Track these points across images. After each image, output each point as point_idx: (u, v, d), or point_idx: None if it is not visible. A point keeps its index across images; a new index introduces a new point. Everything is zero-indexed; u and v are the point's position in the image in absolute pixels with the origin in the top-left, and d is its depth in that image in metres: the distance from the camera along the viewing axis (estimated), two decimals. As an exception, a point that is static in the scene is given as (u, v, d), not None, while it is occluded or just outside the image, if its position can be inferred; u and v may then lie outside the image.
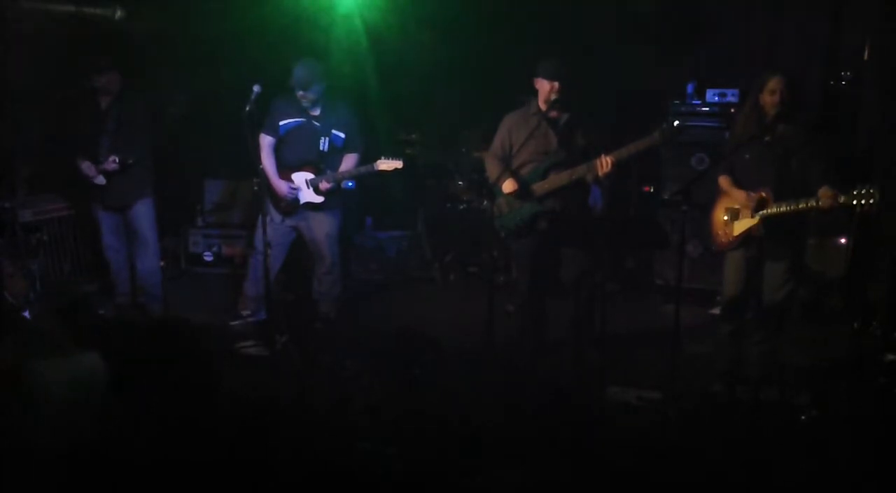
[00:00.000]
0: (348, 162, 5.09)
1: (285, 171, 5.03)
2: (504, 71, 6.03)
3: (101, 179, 5.11)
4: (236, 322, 5.20)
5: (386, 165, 4.94)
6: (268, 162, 5.01)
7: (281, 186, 5.00)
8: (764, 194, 3.89)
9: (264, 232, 4.58)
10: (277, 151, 5.07)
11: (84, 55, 5.36)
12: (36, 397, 2.41)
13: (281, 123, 5.02)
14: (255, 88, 4.40)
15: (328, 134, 5.02)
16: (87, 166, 5.09)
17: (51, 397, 2.43)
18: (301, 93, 4.87)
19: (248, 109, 4.37)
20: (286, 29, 6.10)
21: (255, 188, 4.54)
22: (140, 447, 2.35)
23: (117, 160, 5.00)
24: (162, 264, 5.70)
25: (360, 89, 6.36)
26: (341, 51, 6.30)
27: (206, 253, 6.77)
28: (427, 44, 6.39)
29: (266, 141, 5.04)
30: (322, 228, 5.10)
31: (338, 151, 5.07)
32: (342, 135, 5.05)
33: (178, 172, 6.39)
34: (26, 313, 5.02)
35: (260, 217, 4.75)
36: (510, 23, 6.31)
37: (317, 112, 5.01)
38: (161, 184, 5.44)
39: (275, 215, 5.06)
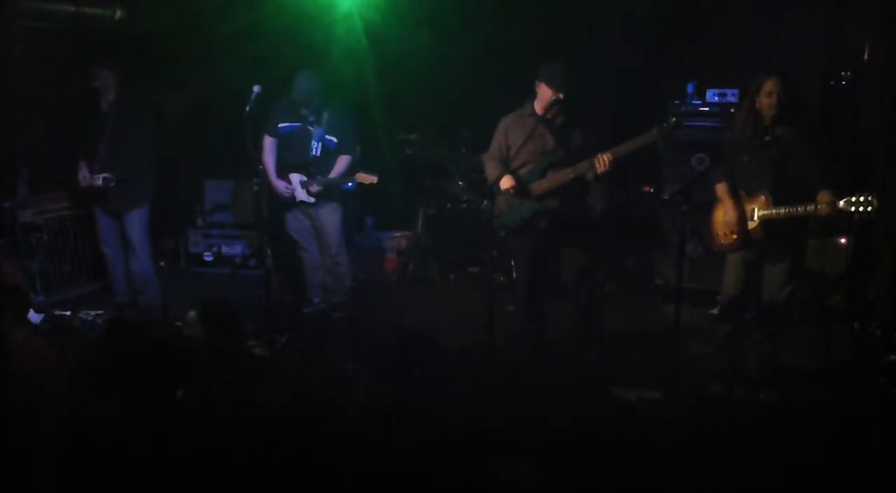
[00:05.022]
0: (340, 164, 5.33)
1: (284, 171, 5.35)
2: (504, 71, 6.03)
3: (98, 181, 5.16)
4: (309, 310, 5.45)
5: (363, 178, 5.17)
6: (268, 161, 5.36)
7: (278, 184, 5.34)
8: (762, 198, 3.88)
9: (264, 232, 4.62)
10: (277, 152, 5.37)
11: (83, 55, 5.36)
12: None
13: (280, 125, 5.31)
14: (256, 89, 4.41)
15: (321, 139, 5.27)
16: (83, 175, 5.20)
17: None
18: (301, 103, 5.14)
19: (248, 109, 4.38)
20: (286, 29, 6.11)
21: (255, 188, 4.57)
22: (134, 448, 2.35)
23: (102, 179, 5.13)
24: (162, 264, 5.70)
25: (359, 89, 6.36)
26: (341, 51, 6.30)
27: (206, 253, 6.79)
28: (426, 44, 6.39)
29: (268, 142, 5.37)
30: (328, 219, 5.41)
31: (332, 154, 5.31)
32: (334, 139, 5.29)
33: (177, 172, 6.39)
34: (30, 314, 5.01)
35: (261, 219, 4.82)
36: (510, 22, 6.31)
37: (312, 118, 5.23)
38: (161, 184, 5.46)
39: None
